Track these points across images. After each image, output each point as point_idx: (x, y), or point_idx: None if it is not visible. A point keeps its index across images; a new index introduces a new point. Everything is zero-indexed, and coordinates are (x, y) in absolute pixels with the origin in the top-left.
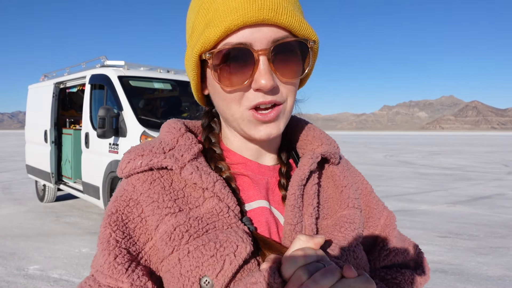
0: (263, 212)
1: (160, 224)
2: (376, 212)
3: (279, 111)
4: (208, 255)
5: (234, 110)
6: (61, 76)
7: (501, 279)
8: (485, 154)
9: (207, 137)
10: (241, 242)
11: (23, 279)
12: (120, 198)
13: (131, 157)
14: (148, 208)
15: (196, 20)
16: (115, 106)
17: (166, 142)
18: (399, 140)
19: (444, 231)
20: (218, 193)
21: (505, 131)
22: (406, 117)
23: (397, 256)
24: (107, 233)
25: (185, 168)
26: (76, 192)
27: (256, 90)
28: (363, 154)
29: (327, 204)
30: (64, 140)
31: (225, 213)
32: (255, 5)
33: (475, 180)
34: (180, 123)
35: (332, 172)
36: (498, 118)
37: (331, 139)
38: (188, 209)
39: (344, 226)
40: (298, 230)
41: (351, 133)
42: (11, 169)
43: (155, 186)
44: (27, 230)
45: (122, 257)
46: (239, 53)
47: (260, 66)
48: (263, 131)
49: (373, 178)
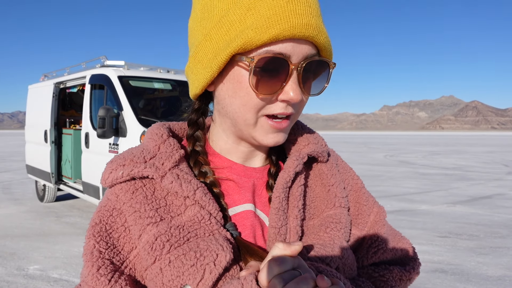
0: (248, 216)
1: (142, 234)
2: (365, 208)
3: (290, 122)
4: (189, 264)
5: (250, 115)
6: (61, 76)
7: (501, 279)
8: (485, 154)
9: (192, 135)
10: (221, 250)
11: (23, 279)
12: (103, 208)
13: (113, 167)
14: (130, 218)
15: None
16: (115, 106)
17: (148, 150)
18: (399, 140)
19: (444, 231)
20: (199, 200)
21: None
22: (406, 117)
23: (386, 253)
24: (91, 244)
25: (166, 177)
26: (76, 192)
27: (282, 101)
28: (363, 154)
29: (314, 204)
30: (64, 140)
31: (206, 220)
32: (304, 21)
33: (475, 180)
34: (163, 128)
35: (320, 170)
36: (498, 118)
37: (318, 137)
38: (169, 217)
39: (330, 226)
40: (282, 233)
41: (351, 133)
42: (11, 169)
43: (137, 195)
44: (27, 230)
45: (105, 268)
46: (277, 63)
47: (292, 79)
48: (273, 139)
49: (373, 178)
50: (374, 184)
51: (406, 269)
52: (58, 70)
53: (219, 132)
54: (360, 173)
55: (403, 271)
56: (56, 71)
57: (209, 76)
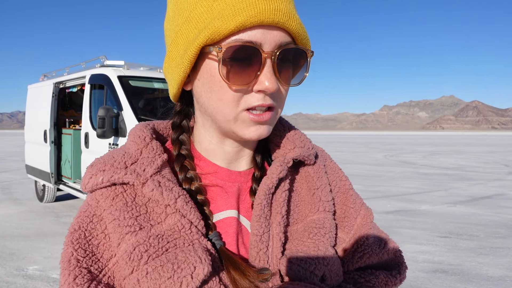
0: (231, 222)
1: (121, 243)
2: (352, 211)
3: (272, 114)
4: (166, 276)
5: (229, 110)
6: (61, 76)
7: (501, 279)
8: (485, 154)
9: (177, 138)
10: (199, 263)
11: (23, 280)
12: (83, 214)
13: (93, 172)
14: (110, 225)
15: (197, 9)
16: (114, 106)
17: (130, 154)
18: (399, 140)
19: (444, 231)
20: (180, 209)
21: (506, 131)
22: (406, 117)
23: (371, 258)
24: (69, 252)
25: (147, 184)
26: (76, 192)
27: (258, 92)
28: (363, 154)
29: (298, 208)
30: (63, 140)
31: (187, 229)
32: (272, 6)
33: (475, 180)
34: (146, 130)
35: (306, 173)
36: (498, 118)
37: (305, 139)
38: (149, 226)
39: (313, 231)
40: (264, 240)
41: (351, 133)
42: (11, 169)
43: (117, 202)
44: (26, 230)
45: (82, 277)
46: (248, 51)
47: (266, 68)
48: (255, 132)
49: (373, 178)
50: (374, 184)
51: (392, 274)
52: (57, 70)
53: (201, 132)
54: (360, 173)
55: (389, 276)
56: (55, 71)
57: (182, 72)
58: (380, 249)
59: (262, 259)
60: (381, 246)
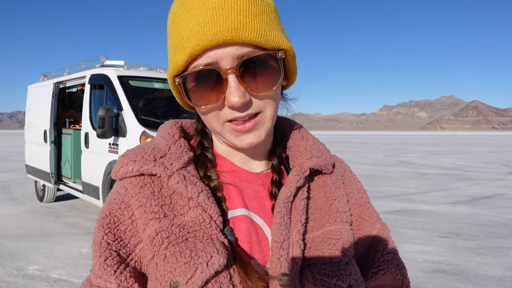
0: (244, 220)
1: (146, 228)
2: (367, 224)
3: (257, 121)
4: (182, 261)
5: (214, 125)
6: (61, 76)
7: (501, 280)
8: (485, 154)
9: (200, 142)
10: (216, 253)
11: (23, 280)
12: (113, 201)
13: (124, 161)
14: (137, 211)
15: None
16: (115, 106)
17: (159, 149)
18: (399, 140)
19: (444, 231)
20: (202, 203)
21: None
22: (406, 117)
23: (386, 276)
24: (100, 236)
25: (173, 177)
26: (76, 192)
27: (229, 107)
28: (363, 154)
29: (314, 216)
30: (63, 140)
31: (207, 224)
32: (215, 28)
33: (475, 180)
34: (176, 127)
35: (324, 182)
36: (498, 118)
37: (323, 149)
38: (173, 215)
39: (331, 242)
40: (285, 247)
41: (351, 133)
42: (11, 169)
43: (145, 190)
44: (26, 230)
45: (112, 259)
46: (208, 73)
47: (229, 84)
48: (245, 140)
49: (373, 178)
50: (374, 184)
51: None
52: (57, 70)
53: (216, 138)
54: (360, 173)
55: None
56: (55, 71)
57: (177, 99)
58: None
59: (283, 265)
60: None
